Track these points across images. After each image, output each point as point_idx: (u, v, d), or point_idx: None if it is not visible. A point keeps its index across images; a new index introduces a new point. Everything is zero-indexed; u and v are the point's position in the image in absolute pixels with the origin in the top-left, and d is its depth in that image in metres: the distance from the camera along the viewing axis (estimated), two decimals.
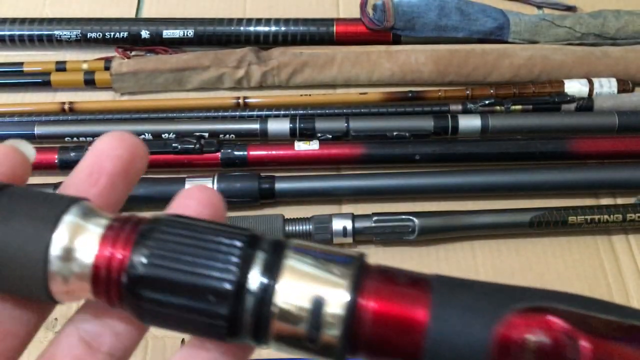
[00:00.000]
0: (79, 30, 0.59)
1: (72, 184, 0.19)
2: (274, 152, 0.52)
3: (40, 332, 0.47)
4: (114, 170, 0.19)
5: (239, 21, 0.60)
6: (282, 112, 0.55)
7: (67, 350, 0.18)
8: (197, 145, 0.51)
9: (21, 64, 0.59)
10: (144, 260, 0.15)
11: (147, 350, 0.45)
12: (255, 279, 0.14)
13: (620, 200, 0.52)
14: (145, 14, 0.64)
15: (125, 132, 0.19)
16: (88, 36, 0.59)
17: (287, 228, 0.48)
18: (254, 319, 0.14)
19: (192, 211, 0.17)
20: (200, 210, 0.17)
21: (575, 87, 0.56)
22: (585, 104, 0.55)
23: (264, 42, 0.60)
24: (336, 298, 0.13)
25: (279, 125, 0.54)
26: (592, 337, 0.13)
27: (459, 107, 0.55)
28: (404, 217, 0.49)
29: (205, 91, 0.59)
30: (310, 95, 0.57)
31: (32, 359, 0.19)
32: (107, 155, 0.19)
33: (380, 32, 0.59)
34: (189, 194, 0.18)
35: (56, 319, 0.46)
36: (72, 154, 0.51)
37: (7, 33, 0.60)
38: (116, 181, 0.19)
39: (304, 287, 0.14)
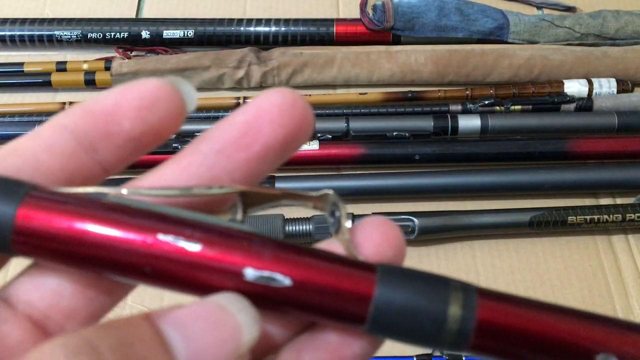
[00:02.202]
0: (80, 31, 0.60)
1: (219, 137, 0.16)
2: None
3: None
4: (273, 141, 0.16)
5: (239, 21, 0.60)
6: None
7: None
8: None
9: (22, 64, 0.59)
10: None
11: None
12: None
13: (619, 200, 0.52)
14: (146, 14, 0.64)
15: (297, 94, 0.16)
16: (88, 36, 0.59)
17: (287, 228, 0.48)
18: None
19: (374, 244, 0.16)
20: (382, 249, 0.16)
21: (574, 87, 0.56)
22: (585, 104, 0.55)
23: (264, 43, 0.60)
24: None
25: None
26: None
27: (459, 107, 0.55)
28: (403, 217, 0.49)
29: (205, 91, 0.59)
30: (310, 95, 0.57)
31: None
32: (271, 119, 0.15)
33: (380, 32, 0.59)
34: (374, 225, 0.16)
35: None
36: None
37: (8, 33, 0.60)
38: (270, 154, 0.16)
39: None
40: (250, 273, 0.14)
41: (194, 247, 0.14)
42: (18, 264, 0.16)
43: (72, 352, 0.12)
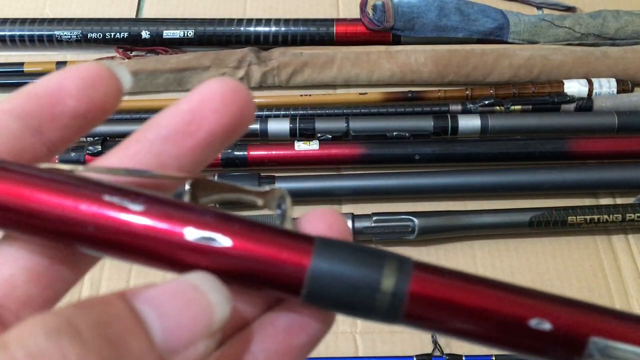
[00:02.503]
0: (80, 31, 0.60)
1: (165, 125, 0.16)
2: (274, 152, 0.52)
3: None
4: (217, 128, 0.16)
5: (239, 21, 0.60)
6: (282, 112, 0.55)
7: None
8: None
9: (22, 64, 0.59)
10: None
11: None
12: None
13: (619, 200, 0.52)
14: (146, 14, 0.64)
15: (238, 83, 0.16)
16: (88, 36, 0.59)
17: None
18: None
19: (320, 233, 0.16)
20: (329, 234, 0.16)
21: (574, 87, 0.56)
22: (585, 104, 0.55)
23: (264, 43, 0.60)
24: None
25: (279, 126, 0.54)
26: None
27: (459, 107, 0.55)
28: (403, 217, 0.49)
29: None
30: (310, 95, 0.57)
31: None
32: (214, 107, 0.16)
33: (380, 32, 0.59)
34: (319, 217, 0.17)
35: None
36: (72, 154, 0.51)
37: (8, 33, 0.60)
38: (214, 140, 0.16)
39: None
40: (191, 232, 0.14)
41: (137, 207, 0.14)
42: None
43: (53, 331, 0.12)
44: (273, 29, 0.60)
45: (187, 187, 0.16)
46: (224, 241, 0.14)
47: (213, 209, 0.15)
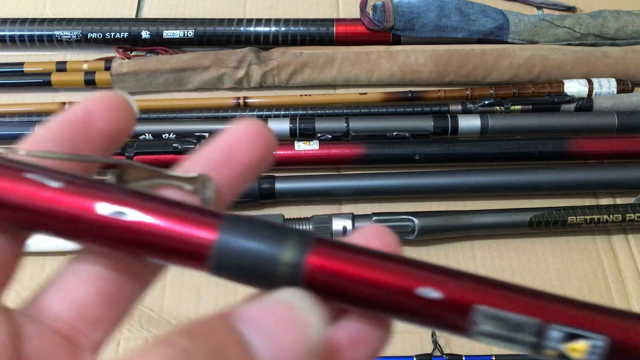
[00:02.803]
0: (80, 31, 0.60)
1: (208, 159, 0.18)
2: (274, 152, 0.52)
3: None
4: (249, 160, 0.18)
5: (239, 21, 0.60)
6: (282, 112, 0.55)
7: None
8: (198, 146, 0.51)
9: (22, 64, 0.59)
10: None
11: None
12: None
13: (619, 200, 0.52)
14: (146, 14, 0.64)
15: (264, 124, 0.19)
16: (88, 36, 0.59)
17: None
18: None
19: None
20: None
21: (574, 87, 0.56)
22: (585, 104, 0.55)
23: (264, 43, 0.60)
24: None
25: (279, 126, 0.54)
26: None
27: (459, 107, 0.55)
28: (403, 217, 0.49)
29: (205, 91, 0.59)
30: (310, 95, 0.57)
31: None
32: (247, 143, 0.18)
33: (380, 32, 0.59)
34: None
35: None
36: None
37: (8, 33, 0.60)
38: (247, 171, 0.18)
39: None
40: (103, 207, 0.15)
41: (55, 184, 0.15)
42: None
43: None
44: (273, 29, 0.60)
45: (111, 175, 0.18)
46: (135, 215, 0.15)
47: (128, 188, 0.16)
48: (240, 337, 0.14)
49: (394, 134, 0.53)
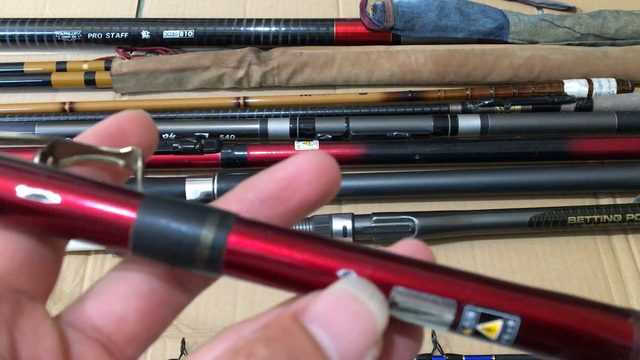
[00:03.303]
0: (80, 31, 0.60)
1: (263, 189, 0.18)
2: (274, 152, 0.52)
3: None
4: (307, 198, 0.17)
5: (239, 21, 0.60)
6: (282, 112, 0.55)
7: None
8: (197, 146, 0.51)
9: (22, 64, 0.59)
10: None
11: (147, 350, 0.45)
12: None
13: (619, 200, 0.52)
14: (146, 14, 0.64)
15: (331, 159, 0.18)
16: (88, 36, 0.59)
17: None
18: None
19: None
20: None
21: (574, 87, 0.56)
22: (585, 104, 0.55)
23: (264, 43, 0.60)
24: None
25: (279, 126, 0.54)
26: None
27: (459, 107, 0.55)
28: (403, 217, 0.49)
29: (205, 91, 0.59)
30: (310, 95, 0.57)
31: None
32: (309, 179, 0.17)
33: (380, 32, 0.59)
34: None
35: None
36: None
37: (8, 33, 0.60)
38: (303, 208, 0.18)
39: None
40: (22, 190, 0.15)
41: None
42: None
43: None
44: (273, 29, 0.60)
45: (48, 150, 0.17)
46: (53, 198, 0.15)
47: (46, 167, 0.16)
48: (313, 339, 0.14)
49: (394, 134, 0.53)
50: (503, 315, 0.15)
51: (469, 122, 0.54)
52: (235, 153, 0.52)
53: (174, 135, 0.53)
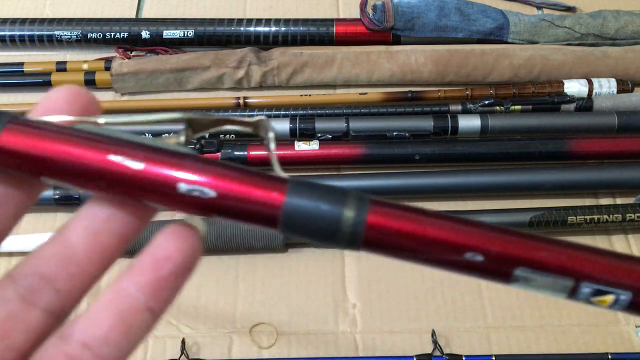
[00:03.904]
0: (80, 31, 0.60)
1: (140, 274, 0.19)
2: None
3: None
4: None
5: (239, 21, 0.60)
6: (282, 112, 0.55)
7: (2, 306, 0.17)
8: (198, 145, 0.51)
9: (22, 64, 0.59)
10: None
11: (147, 350, 0.45)
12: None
13: (619, 200, 0.52)
14: (146, 14, 0.64)
15: (191, 234, 0.18)
16: (88, 36, 0.59)
17: None
18: None
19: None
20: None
21: (574, 87, 0.56)
22: (585, 104, 0.55)
23: (264, 43, 0.60)
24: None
25: (279, 126, 0.54)
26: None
27: (459, 108, 0.55)
28: None
29: (205, 91, 0.59)
30: (310, 95, 0.57)
31: None
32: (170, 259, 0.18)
33: (380, 32, 0.59)
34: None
35: None
36: None
37: (8, 33, 0.60)
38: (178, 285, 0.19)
39: None
40: (182, 187, 0.17)
41: (137, 166, 0.17)
42: None
43: None
44: (273, 29, 0.60)
45: (184, 126, 0.19)
46: (209, 192, 0.17)
47: (201, 159, 0.18)
48: None
49: (394, 134, 0.53)
50: (616, 291, 0.16)
51: (469, 122, 0.54)
52: (236, 153, 0.52)
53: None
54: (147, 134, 0.54)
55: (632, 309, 0.17)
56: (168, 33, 0.59)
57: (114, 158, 0.17)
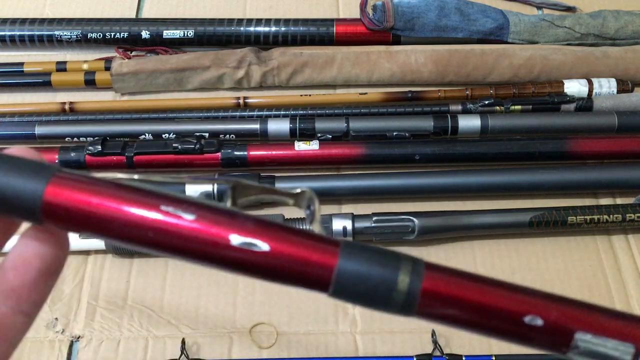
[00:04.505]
0: (80, 31, 0.60)
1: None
2: (274, 152, 0.52)
3: (41, 331, 0.47)
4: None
5: (239, 21, 0.60)
6: (282, 112, 0.55)
7: None
8: (197, 146, 0.51)
9: (22, 64, 0.59)
10: None
11: (147, 351, 0.45)
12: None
13: (619, 200, 0.52)
14: (146, 14, 0.64)
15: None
16: (88, 36, 0.59)
17: None
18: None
19: None
20: None
21: (574, 87, 0.56)
22: (585, 104, 0.55)
23: (264, 43, 0.60)
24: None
25: (279, 126, 0.54)
26: None
27: (459, 107, 0.55)
28: (403, 217, 0.49)
29: (205, 91, 0.59)
30: (310, 95, 0.57)
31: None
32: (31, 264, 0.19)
33: (380, 32, 0.59)
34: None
35: (56, 318, 0.46)
36: (73, 154, 0.51)
37: (8, 33, 0.60)
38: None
39: None
40: (235, 239, 0.16)
41: (189, 216, 0.16)
42: None
43: None
44: (273, 29, 0.60)
45: (229, 190, 0.19)
46: (263, 246, 0.17)
47: (253, 216, 0.17)
48: None
49: (394, 134, 0.53)
50: None
51: (469, 122, 0.54)
52: (236, 153, 0.52)
53: (174, 135, 0.53)
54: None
55: None
56: (168, 33, 0.59)
57: (166, 208, 0.17)
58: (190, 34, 0.59)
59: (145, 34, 0.59)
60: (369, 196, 0.52)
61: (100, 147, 0.51)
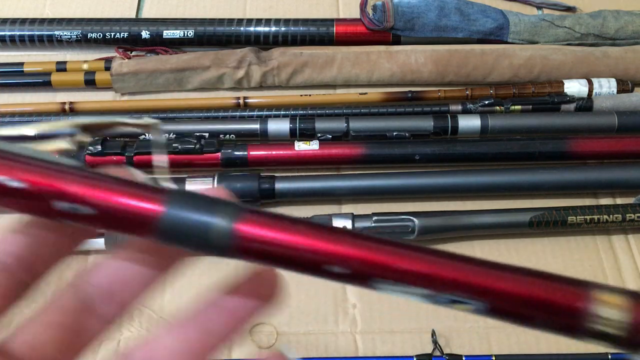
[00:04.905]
0: (80, 31, 0.60)
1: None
2: (274, 152, 0.52)
3: None
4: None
5: (239, 21, 0.60)
6: (282, 112, 0.55)
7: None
8: (198, 145, 0.51)
9: (22, 64, 0.59)
10: None
11: None
12: None
13: (619, 200, 0.52)
14: (146, 14, 0.64)
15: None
16: (88, 36, 0.60)
17: None
18: None
19: None
20: None
21: (574, 87, 0.56)
22: (585, 104, 0.55)
23: (264, 43, 0.60)
24: None
25: (279, 125, 0.54)
26: None
27: (459, 107, 0.55)
28: (403, 217, 0.49)
29: (205, 91, 0.59)
30: (310, 95, 0.57)
31: None
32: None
33: (380, 32, 0.59)
34: None
35: None
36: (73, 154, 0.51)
37: (8, 33, 0.60)
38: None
39: None
40: (59, 205, 0.18)
41: (19, 185, 0.17)
42: None
43: None
44: (273, 29, 0.60)
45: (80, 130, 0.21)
46: (88, 210, 0.18)
47: (80, 173, 0.18)
48: None
49: (394, 134, 0.53)
50: (471, 302, 0.18)
51: (469, 122, 0.54)
52: (235, 153, 0.52)
53: (174, 135, 0.53)
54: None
55: (492, 315, 0.18)
56: (168, 33, 0.60)
57: None
58: (190, 34, 0.59)
59: (145, 34, 0.59)
60: (369, 196, 0.52)
61: (100, 147, 0.51)
